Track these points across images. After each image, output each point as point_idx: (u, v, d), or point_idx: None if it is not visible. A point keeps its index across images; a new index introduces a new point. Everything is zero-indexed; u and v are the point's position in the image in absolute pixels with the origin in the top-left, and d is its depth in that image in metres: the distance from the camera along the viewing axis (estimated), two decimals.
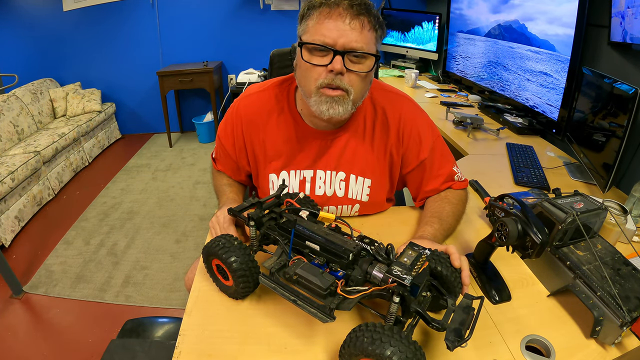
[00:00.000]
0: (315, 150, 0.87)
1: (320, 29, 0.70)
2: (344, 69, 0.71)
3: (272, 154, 0.88)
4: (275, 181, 0.89)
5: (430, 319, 0.55)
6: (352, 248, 0.59)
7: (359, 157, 0.87)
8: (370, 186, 0.89)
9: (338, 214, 0.93)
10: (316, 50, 0.72)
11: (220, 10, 3.47)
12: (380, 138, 0.87)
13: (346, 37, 0.70)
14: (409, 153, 0.88)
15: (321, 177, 0.88)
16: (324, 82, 0.72)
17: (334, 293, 0.57)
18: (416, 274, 0.53)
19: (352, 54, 0.71)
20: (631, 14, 1.27)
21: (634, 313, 0.62)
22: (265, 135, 0.87)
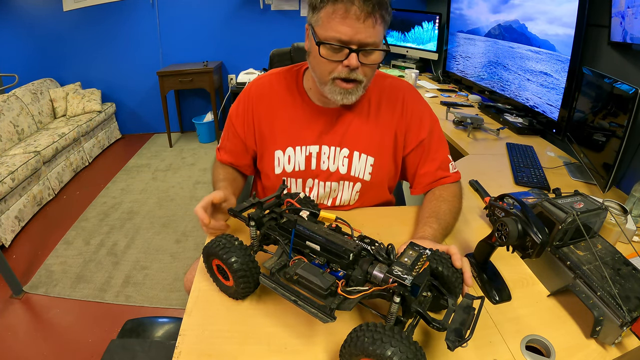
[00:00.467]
0: (321, 127, 0.90)
1: (335, 25, 0.73)
2: (359, 64, 0.75)
3: (279, 130, 0.91)
4: (281, 157, 0.91)
5: (430, 319, 0.55)
6: (353, 248, 0.59)
7: (363, 135, 0.90)
8: (373, 165, 0.91)
9: (340, 192, 0.94)
10: (332, 48, 0.75)
11: (220, 10, 3.47)
12: (385, 116, 0.91)
13: (360, 34, 0.72)
14: (410, 132, 0.91)
15: (325, 153, 0.90)
16: (339, 75, 0.77)
17: (334, 293, 0.57)
18: (417, 274, 0.53)
19: (365, 49, 0.75)
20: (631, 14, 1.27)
21: (634, 313, 0.62)
22: (273, 112, 0.91)
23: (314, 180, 0.94)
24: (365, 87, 0.83)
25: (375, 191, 0.97)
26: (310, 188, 0.95)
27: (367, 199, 0.98)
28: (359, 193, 0.95)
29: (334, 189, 0.94)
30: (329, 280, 0.56)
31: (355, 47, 0.74)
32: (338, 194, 0.95)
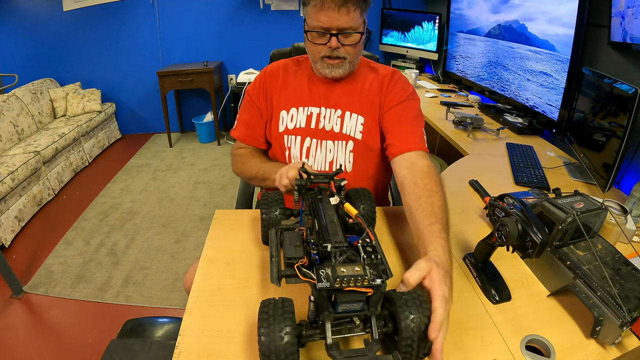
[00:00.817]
0: (321, 93, 1.05)
1: (318, 16, 0.90)
2: (339, 45, 0.93)
3: (284, 96, 1.07)
4: (285, 116, 1.05)
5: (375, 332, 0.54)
6: (335, 242, 0.59)
7: (354, 99, 1.04)
8: (364, 124, 1.02)
9: (334, 153, 1.04)
10: (317, 34, 0.93)
11: (220, 11, 3.47)
12: (374, 85, 1.05)
13: (337, 21, 0.89)
14: (393, 93, 1.03)
15: (322, 113, 1.04)
16: (325, 54, 0.95)
17: (291, 265, 0.60)
18: (338, 285, 0.52)
19: (343, 32, 0.91)
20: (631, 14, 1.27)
21: (634, 313, 0.62)
22: (283, 83, 1.08)
23: (312, 139, 1.04)
24: (351, 63, 0.99)
25: (366, 153, 1.04)
26: (308, 148, 1.05)
27: (361, 164, 1.04)
28: (352, 153, 1.04)
29: (329, 149, 1.04)
30: (293, 254, 0.61)
31: (334, 31, 0.91)
32: (334, 154, 1.04)
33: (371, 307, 0.55)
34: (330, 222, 0.65)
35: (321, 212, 0.68)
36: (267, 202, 0.81)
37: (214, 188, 2.85)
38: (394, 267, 0.62)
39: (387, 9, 3.37)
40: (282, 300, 0.55)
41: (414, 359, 0.55)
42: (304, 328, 0.56)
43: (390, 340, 0.59)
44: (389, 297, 0.58)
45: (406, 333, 0.53)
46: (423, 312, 0.54)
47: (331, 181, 0.78)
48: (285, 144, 1.05)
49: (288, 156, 1.06)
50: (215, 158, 3.37)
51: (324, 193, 0.75)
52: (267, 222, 0.78)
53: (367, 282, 0.53)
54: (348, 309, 0.55)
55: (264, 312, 0.53)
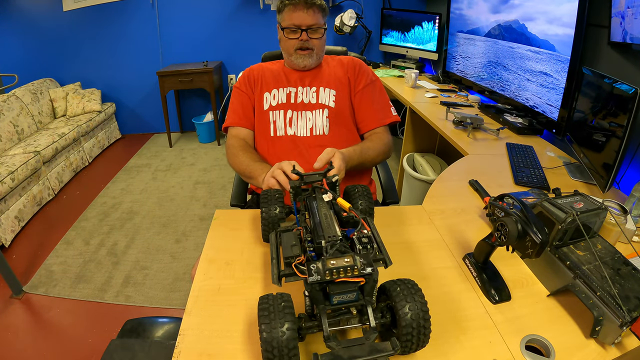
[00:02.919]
0: (296, 78, 1.28)
1: (291, 17, 1.17)
2: (308, 38, 1.19)
3: (267, 81, 1.28)
4: (268, 97, 1.26)
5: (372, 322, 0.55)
6: (327, 237, 0.60)
7: (324, 78, 1.27)
8: (335, 95, 1.25)
9: (314, 120, 1.23)
10: (290, 31, 1.19)
11: (220, 11, 3.47)
12: (339, 69, 1.29)
13: (306, 20, 1.17)
14: (359, 76, 1.28)
15: (300, 91, 1.26)
16: (297, 46, 1.20)
17: (289, 264, 0.61)
18: (329, 277, 0.53)
19: (311, 28, 1.18)
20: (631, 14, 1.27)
21: (634, 313, 0.62)
22: (263, 73, 1.30)
23: (293, 111, 1.23)
24: (318, 55, 1.24)
25: (340, 120, 1.25)
26: (290, 119, 1.23)
27: (336, 129, 1.24)
28: (328, 119, 1.23)
29: (309, 118, 1.23)
30: (291, 253, 0.62)
31: (304, 27, 1.17)
32: (313, 121, 1.23)
33: (366, 297, 0.56)
34: (324, 218, 0.66)
35: (315, 210, 0.69)
36: (267, 200, 0.81)
37: (214, 188, 2.85)
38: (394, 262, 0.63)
39: (387, 9, 3.37)
40: (281, 295, 0.56)
41: (415, 348, 0.57)
42: (303, 321, 0.56)
43: (389, 331, 0.60)
44: (385, 290, 0.59)
45: (405, 323, 0.54)
46: (419, 301, 0.56)
47: (323, 178, 0.79)
48: (271, 118, 1.23)
49: (273, 129, 1.23)
50: (215, 158, 3.37)
51: (317, 191, 0.77)
52: (267, 220, 0.79)
53: (357, 271, 0.53)
54: (343, 300, 0.55)
55: (264, 307, 0.54)
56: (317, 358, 0.51)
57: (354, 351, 0.52)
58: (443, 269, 0.82)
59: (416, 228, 0.95)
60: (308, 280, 0.53)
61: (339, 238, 0.60)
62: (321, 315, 0.54)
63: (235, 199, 1.32)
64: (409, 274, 0.63)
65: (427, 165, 2.26)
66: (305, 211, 0.75)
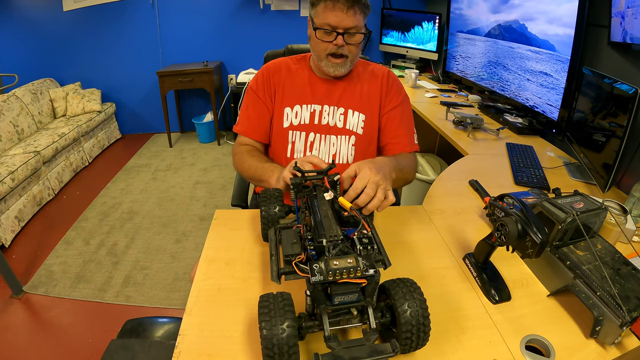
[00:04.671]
0: (323, 91, 1.12)
1: (327, 16, 0.98)
2: (344, 43, 1.01)
3: (289, 93, 1.12)
4: (289, 113, 1.11)
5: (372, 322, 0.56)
6: (329, 236, 0.59)
7: (355, 97, 1.12)
8: (365, 120, 1.11)
9: (338, 147, 1.11)
10: (324, 32, 1.00)
11: (220, 11, 3.47)
12: (372, 84, 1.14)
13: (345, 22, 0.98)
14: (390, 95, 1.13)
15: (326, 110, 1.11)
16: (331, 52, 1.02)
17: (290, 262, 0.61)
18: (332, 278, 0.53)
19: (349, 32, 1.00)
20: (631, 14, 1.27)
21: (634, 313, 0.62)
22: (285, 80, 1.13)
23: (315, 134, 1.10)
24: (351, 62, 1.07)
25: (367, 147, 1.13)
26: (311, 143, 1.11)
27: (361, 157, 1.12)
28: (354, 147, 1.11)
29: (332, 143, 1.11)
30: (291, 251, 0.61)
31: (341, 30, 0.99)
32: (337, 148, 1.11)
33: (367, 298, 0.56)
34: (325, 217, 0.65)
35: (316, 208, 0.69)
36: (266, 199, 0.81)
37: (214, 188, 2.85)
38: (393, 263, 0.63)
39: (387, 9, 3.37)
40: (281, 294, 0.56)
41: (414, 347, 0.57)
42: (303, 320, 0.56)
43: (388, 330, 0.60)
44: (385, 289, 0.59)
45: (404, 320, 0.55)
46: (418, 299, 0.56)
47: (325, 177, 0.78)
48: (290, 138, 1.11)
49: (291, 150, 1.11)
50: (215, 158, 3.37)
51: (319, 189, 0.76)
52: (267, 219, 0.79)
53: (360, 273, 0.53)
54: (344, 301, 0.55)
55: (264, 306, 0.54)
56: (317, 358, 0.51)
57: (354, 352, 0.52)
58: (443, 268, 0.82)
59: (416, 228, 0.95)
60: (311, 281, 0.53)
61: (340, 238, 0.60)
62: (322, 315, 0.54)
63: (236, 198, 1.32)
64: (408, 274, 0.63)
65: (427, 165, 2.26)
66: (305, 209, 0.75)
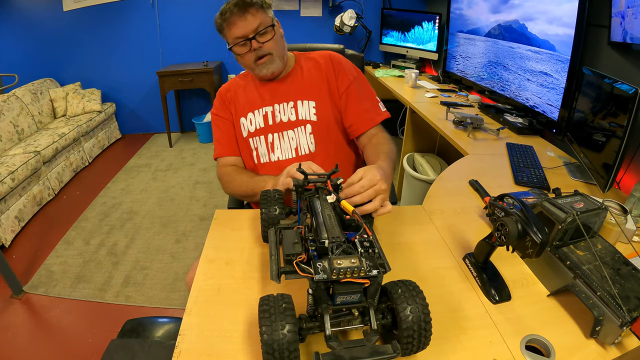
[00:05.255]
0: (269, 93, 1.15)
1: (232, 31, 1.04)
2: (260, 44, 1.05)
3: (241, 105, 1.17)
4: (244, 122, 1.15)
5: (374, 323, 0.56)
6: (332, 238, 0.60)
7: (300, 89, 1.14)
8: (316, 107, 1.13)
9: (297, 139, 1.13)
10: (239, 45, 1.06)
11: None
12: (315, 72, 1.16)
13: (247, 27, 1.03)
14: (339, 76, 1.15)
15: (277, 109, 1.14)
16: (255, 57, 1.07)
17: (290, 261, 0.61)
18: (335, 276, 0.52)
19: (257, 33, 1.04)
20: (631, 14, 1.27)
21: (634, 313, 0.62)
22: (235, 95, 1.19)
23: (273, 134, 1.13)
24: (280, 57, 1.10)
25: (326, 132, 1.14)
26: (271, 143, 1.13)
27: (323, 143, 1.13)
28: (312, 135, 1.12)
29: (291, 137, 1.13)
30: (292, 251, 0.61)
31: (251, 35, 1.03)
32: (297, 141, 1.13)
33: (369, 299, 0.56)
34: (327, 219, 0.66)
35: (318, 210, 0.69)
36: (266, 200, 0.81)
37: (214, 188, 2.85)
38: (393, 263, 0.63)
39: (387, 9, 3.37)
40: (282, 296, 0.55)
41: (415, 350, 0.57)
42: (304, 322, 0.56)
43: (389, 332, 0.60)
44: (386, 291, 0.59)
45: (406, 325, 0.54)
46: (420, 303, 0.55)
47: (328, 180, 0.79)
48: (252, 145, 1.15)
49: (256, 156, 1.15)
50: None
51: (321, 192, 0.76)
52: (267, 221, 0.79)
53: (363, 273, 0.53)
54: (346, 301, 0.55)
55: (264, 309, 0.53)
56: (318, 357, 0.51)
57: (355, 352, 0.52)
58: (443, 269, 0.82)
59: (416, 228, 0.95)
60: (315, 278, 0.52)
61: (342, 239, 0.60)
62: (323, 314, 0.54)
63: (232, 202, 1.32)
64: (408, 274, 0.63)
65: (427, 165, 2.26)
66: (306, 211, 0.75)
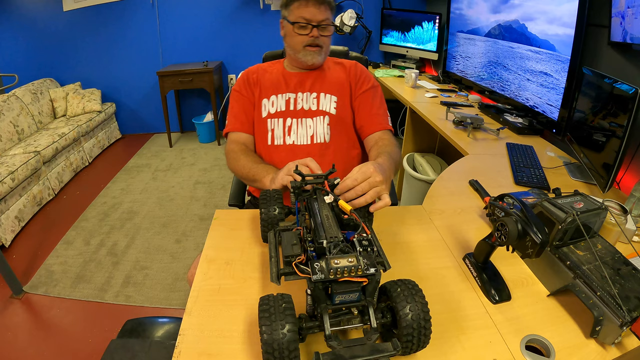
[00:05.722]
0: (295, 82, 1.23)
1: (302, 12, 1.12)
2: (319, 34, 1.15)
3: (265, 87, 1.23)
4: (266, 104, 1.21)
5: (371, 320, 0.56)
6: (330, 237, 0.60)
7: (326, 83, 1.23)
8: (337, 102, 1.21)
9: (314, 128, 1.19)
10: (299, 26, 1.14)
11: (220, 11, 3.47)
12: (341, 73, 1.26)
13: (317, 16, 1.12)
14: (359, 82, 1.24)
15: (300, 97, 1.21)
16: (308, 43, 1.15)
17: (289, 263, 0.61)
18: (333, 276, 0.53)
19: (321, 25, 1.14)
20: (631, 14, 1.27)
21: (634, 313, 0.62)
22: (261, 77, 1.25)
23: (292, 119, 1.19)
24: (325, 53, 1.21)
25: (342, 127, 1.21)
26: (289, 127, 1.19)
27: (338, 136, 1.20)
28: (329, 126, 1.19)
29: (309, 125, 1.19)
30: (291, 252, 0.62)
31: (315, 23, 1.13)
32: (314, 129, 1.19)
33: (368, 297, 0.56)
34: (325, 219, 0.66)
35: (316, 211, 0.69)
36: (266, 200, 0.82)
37: (214, 188, 2.85)
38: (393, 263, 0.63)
39: (387, 9, 3.37)
40: (281, 296, 0.56)
41: (415, 348, 0.57)
42: (304, 321, 0.56)
43: (389, 332, 0.60)
44: (385, 290, 0.59)
45: (406, 324, 0.55)
46: (420, 302, 0.56)
47: (325, 180, 0.79)
48: (269, 126, 1.19)
49: (271, 137, 1.19)
50: (215, 158, 3.37)
51: (319, 192, 0.77)
52: (267, 221, 0.79)
53: (361, 271, 0.53)
54: (345, 300, 0.55)
55: (264, 309, 0.53)
56: (318, 357, 0.51)
57: (355, 351, 0.52)
58: (443, 269, 0.82)
59: (416, 228, 0.95)
60: (312, 279, 0.53)
61: (340, 239, 0.60)
62: (323, 314, 0.54)
63: (233, 198, 1.32)
64: (408, 274, 0.63)
65: (427, 165, 2.26)
66: (305, 212, 0.75)
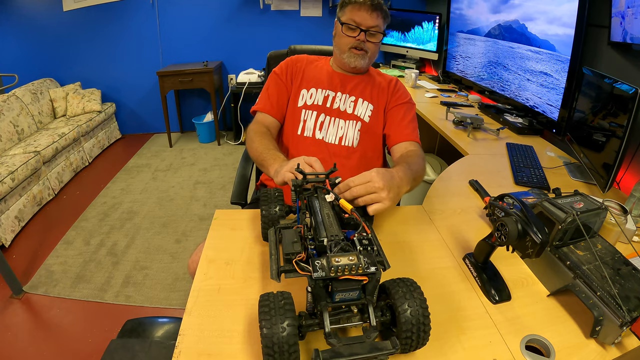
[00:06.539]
0: (338, 82, 1.25)
1: (354, 14, 1.14)
2: (366, 39, 1.16)
3: (307, 77, 1.26)
4: (305, 94, 1.23)
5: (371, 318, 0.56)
6: (330, 236, 0.60)
7: (366, 90, 1.25)
8: (372, 110, 1.22)
9: (345, 130, 1.20)
10: (349, 28, 1.16)
11: (220, 11, 3.47)
12: (382, 84, 1.27)
13: (368, 21, 1.14)
14: (395, 96, 1.26)
15: (338, 97, 1.23)
16: (353, 45, 1.17)
17: (290, 260, 0.61)
18: (333, 274, 0.53)
19: (370, 31, 1.16)
20: (631, 14, 1.27)
21: (634, 313, 0.62)
22: (305, 67, 1.28)
23: (326, 116, 1.21)
24: (370, 59, 1.22)
25: (371, 136, 1.22)
26: (321, 123, 1.20)
27: (365, 143, 1.21)
28: (360, 132, 1.20)
29: (340, 126, 1.21)
30: (292, 250, 0.61)
31: (364, 28, 1.14)
32: (344, 131, 1.20)
33: (368, 296, 0.56)
34: (326, 218, 0.66)
35: (317, 209, 0.69)
36: (266, 199, 0.82)
37: (214, 188, 2.85)
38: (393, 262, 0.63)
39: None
40: (281, 293, 0.56)
41: (415, 346, 0.57)
42: (304, 319, 0.57)
43: (388, 330, 0.60)
44: (385, 289, 0.60)
45: (405, 321, 0.55)
46: (418, 299, 0.56)
47: (326, 179, 0.79)
48: (302, 117, 1.21)
49: (302, 128, 1.20)
50: (215, 158, 3.37)
51: (320, 191, 0.77)
52: (267, 219, 0.79)
53: (361, 270, 0.54)
54: (345, 298, 0.55)
55: (264, 305, 0.54)
56: (318, 354, 0.52)
57: (355, 349, 0.53)
58: (443, 269, 0.82)
59: (416, 228, 0.95)
60: (313, 276, 0.53)
61: (341, 237, 0.60)
62: (323, 311, 0.54)
63: (236, 197, 1.32)
64: (408, 274, 0.63)
65: (427, 165, 2.26)
66: (305, 210, 0.75)
